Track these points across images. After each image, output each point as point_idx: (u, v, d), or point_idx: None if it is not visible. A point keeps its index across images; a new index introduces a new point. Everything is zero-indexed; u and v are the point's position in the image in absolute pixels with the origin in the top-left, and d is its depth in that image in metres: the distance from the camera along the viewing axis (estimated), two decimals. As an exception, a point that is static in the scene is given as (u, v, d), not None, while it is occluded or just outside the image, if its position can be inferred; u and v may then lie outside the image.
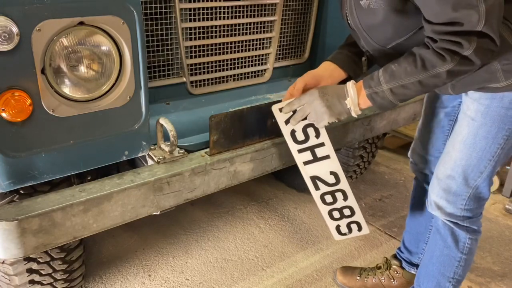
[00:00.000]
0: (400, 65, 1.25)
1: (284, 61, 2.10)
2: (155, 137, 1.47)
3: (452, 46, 1.15)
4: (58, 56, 1.20)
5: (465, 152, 1.45)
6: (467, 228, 1.58)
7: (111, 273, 2.14)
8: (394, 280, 2.00)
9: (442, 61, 1.17)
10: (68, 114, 1.24)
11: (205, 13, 1.72)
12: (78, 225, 1.25)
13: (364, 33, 1.39)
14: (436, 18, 1.15)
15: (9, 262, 1.52)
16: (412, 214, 1.96)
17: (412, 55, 1.24)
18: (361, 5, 1.31)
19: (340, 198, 1.57)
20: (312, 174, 1.52)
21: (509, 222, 2.68)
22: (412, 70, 1.22)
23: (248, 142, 1.58)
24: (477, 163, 1.45)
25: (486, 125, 1.39)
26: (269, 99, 1.92)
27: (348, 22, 1.44)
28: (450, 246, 1.61)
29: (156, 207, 1.40)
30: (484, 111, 1.39)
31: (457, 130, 1.49)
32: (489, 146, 1.42)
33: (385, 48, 1.39)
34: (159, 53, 1.68)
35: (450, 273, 1.65)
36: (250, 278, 2.14)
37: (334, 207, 1.60)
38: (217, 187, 1.53)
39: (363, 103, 1.34)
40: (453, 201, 1.52)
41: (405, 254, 2.01)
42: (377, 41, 1.39)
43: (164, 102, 1.74)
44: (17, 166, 1.21)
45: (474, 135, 1.42)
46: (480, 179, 1.47)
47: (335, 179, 1.53)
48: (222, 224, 2.54)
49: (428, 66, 1.20)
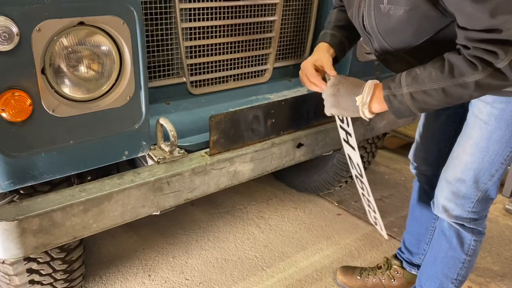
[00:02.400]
0: (425, 68, 1.18)
1: (284, 61, 2.10)
2: (155, 137, 1.47)
3: (486, 55, 1.07)
4: (58, 56, 1.20)
5: (477, 156, 1.43)
6: (473, 230, 1.57)
7: (111, 273, 2.14)
8: (395, 280, 2.00)
9: (472, 69, 1.09)
10: (68, 114, 1.24)
11: (205, 13, 1.72)
12: (78, 225, 1.25)
13: (379, 37, 1.34)
14: (471, 24, 1.07)
15: (9, 262, 1.52)
16: (412, 215, 1.96)
17: (440, 59, 1.17)
18: (380, 9, 1.26)
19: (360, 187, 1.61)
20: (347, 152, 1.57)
21: (509, 222, 2.68)
22: (438, 76, 1.14)
23: (248, 142, 1.58)
24: (489, 166, 1.42)
25: (500, 129, 1.36)
26: (269, 99, 1.92)
27: (363, 25, 1.38)
28: (455, 247, 1.60)
29: (156, 207, 1.40)
30: (498, 115, 1.35)
31: (467, 133, 1.45)
32: (502, 150, 1.39)
33: (400, 52, 1.35)
34: (159, 53, 1.68)
35: (454, 275, 1.64)
36: (250, 278, 2.14)
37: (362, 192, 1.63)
38: (217, 187, 1.53)
39: (379, 105, 1.27)
40: (461, 203, 1.51)
41: (405, 255, 2.01)
42: (393, 45, 1.34)
43: (164, 102, 1.74)
44: (17, 166, 1.21)
45: (488, 139, 1.39)
46: (491, 182, 1.46)
47: (360, 171, 1.54)
48: (222, 224, 2.54)
49: (455, 73, 1.12)
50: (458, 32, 1.13)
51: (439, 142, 1.74)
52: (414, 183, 1.95)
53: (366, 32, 1.40)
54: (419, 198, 1.91)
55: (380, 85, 1.28)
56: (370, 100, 1.29)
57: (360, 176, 1.55)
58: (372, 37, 1.40)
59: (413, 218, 1.96)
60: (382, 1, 1.25)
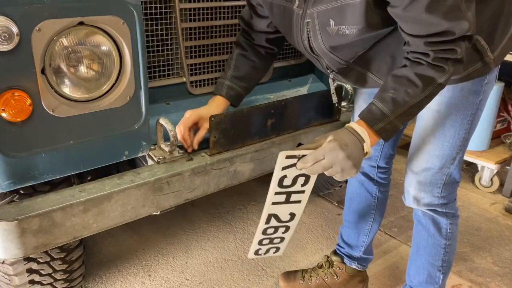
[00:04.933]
0: (397, 90, 1.22)
1: (284, 61, 2.10)
2: (155, 137, 1.47)
3: (447, 54, 1.18)
4: (58, 56, 1.20)
5: (436, 143, 1.50)
6: (446, 214, 1.62)
7: (111, 273, 2.14)
8: (337, 277, 1.99)
9: (441, 72, 1.19)
10: (68, 114, 1.25)
11: (205, 13, 1.72)
12: (78, 225, 1.25)
13: (330, 55, 1.38)
14: (427, 31, 1.15)
15: (9, 262, 1.52)
16: (350, 208, 1.96)
17: (403, 77, 1.22)
18: (327, 31, 1.29)
19: (280, 232, 1.48)
20: (272, 212, 1.38)
21: (509, 222, 2.68)
22: (414, 91, 1.21)
23: (248, 142, 1.58)
24: (450, 151, 1.50)
25: (452, 114, 1.45)
26: (269, 99, 1.92)
27: (310, 49, 1.39)
28: (434, 234, 1.65)
29: (156, 207, 1.40)
30: (447, 102, 1.44)
31: (423, 125, 1.52)
32: (457, 133, 1.48)
33: (349, 62, 1.41)
34: (159, 53, 1.68)
35: (438, 262, 1.69)
36: (250, 278, 2.14)
37: (270, 237, 1.50)
38: (217, 187, 1.53)
39: (373, 141, 1.26)
40: (430, 190, 1.57)
41: (345, 249, 2.00)
42: (344, 58, 1.39)
43: (164, 102, 1.74)
44: (17, 166, 1.21)
45: (442, 125, 1.48)
46: (453, 166, 1.53)
47: (290, 218, 1.44)
48: (222, 224, 2.54)
49: (429, 81, 1.20)
50: (414, 41, 1.19)
51: None
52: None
53: (314, 55, 1.43)
54: (356, 191, 1.92)
55: (363, 124, 1.26)
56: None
57: (287, 222, 1.42)
58: (320, 57, 1.43)
59: (350, 212, 1.96)
60: (328, 24, 1.27)
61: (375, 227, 1.95)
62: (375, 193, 1.90)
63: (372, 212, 1.92)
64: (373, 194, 1.90)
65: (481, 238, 2.52)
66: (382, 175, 1.88)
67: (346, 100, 1.91)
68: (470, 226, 2.61)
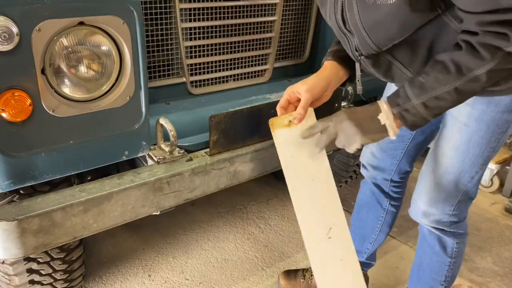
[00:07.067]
0: (428, 75, 1.12)
1: (284, 61, 2.10)
2: (155, 137, 1.47)
3: (496, 39, 1.01)
4: (58, 56, 1.20)
5: (457, 159, 1.39)
6: (454, 233, 1.55)
7: (111, 273, 2.14)
8: None
9: (480, 60, 1.04)
10: (68, 114, 1.24)
11: (205, 13, 1.72)
12: (78, 225, 1.25)
13: (363, 33, 1.24)
14: (483, 7, 1.01)
15: (9, 262, 1.52)
16: (358, 215, 1.93)
17: (439, 62, 1.11)
18: (365, 1, 1.17)
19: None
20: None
21: (509, 222, 2.68)
22: (445, 78, 1.09)
23: (248, 142, 1.58)
24: (469, 169, 1.40)
25: (481, 131, 1.33)
26: (269, 99, 1.92)
27: (342, 22, 1.26)
28: (438, 252, 1.59)
29: (156, 207, 1.40)
30: (478, 116, 1.31)
31: (446, 136, 1.41)
32: (482, 152, 1.36)
33: (381, 50, 1.26)
34: (159, 53, 1.68)
35: (441, 277, 1.64)
36: (250, 278, 2.14)
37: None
38: (217, 187, 1.53)
39: (397, 124, 1.19)
40: (441, 207, 1.48)
41: None
42: (377, 41, 1.24)
43: (164, 102, 1.74)
44: (17, 166, 1.21)
45: (468, 141, 1.36)
46: (471, 184, 1.43)
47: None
48: (222, 224, 2.54)
49: (464, 70, 1.06)
50: (466, 17, 1.06)
51: (395, 149, 1.69)
52: (362, 184, 1.91)
53: (345, 30, 1.28)
54: (365, 200, 1.88)
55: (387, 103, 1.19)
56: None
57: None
58: (351, 35, 1.28)
59: (358, 218, 1.93)
60: None
61: (382, 237, 1.91)
62: (386, 205, 1.85)
63: (380, 223, 1.87)
64: (383, 206, 1.85)
65: (481, 238, 2.52)
66: (395, 189, 1.82)
67: (346, 100, 1.91)
68: (470, 226, 2.58)
